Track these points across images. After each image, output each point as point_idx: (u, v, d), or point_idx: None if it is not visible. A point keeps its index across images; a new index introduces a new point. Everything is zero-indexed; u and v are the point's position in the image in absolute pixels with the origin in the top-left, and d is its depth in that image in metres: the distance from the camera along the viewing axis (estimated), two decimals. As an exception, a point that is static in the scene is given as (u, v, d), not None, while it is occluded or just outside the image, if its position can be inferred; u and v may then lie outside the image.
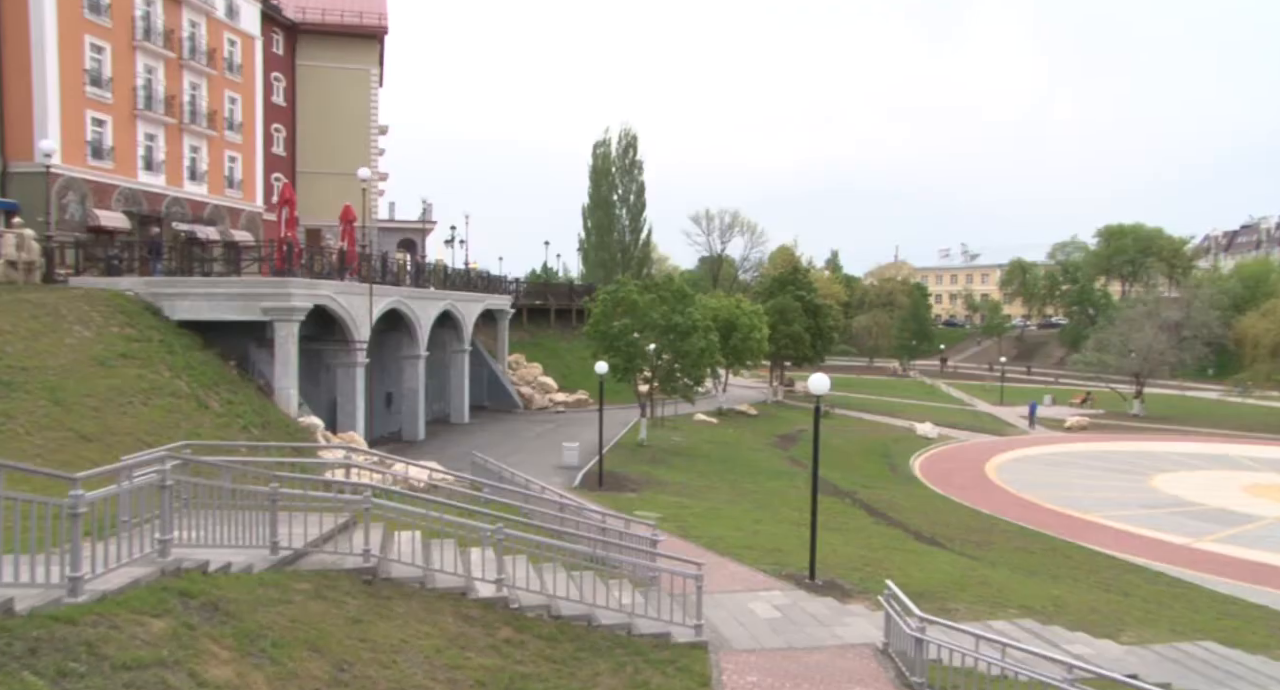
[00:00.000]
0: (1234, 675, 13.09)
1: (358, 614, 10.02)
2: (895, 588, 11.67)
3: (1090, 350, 70.82)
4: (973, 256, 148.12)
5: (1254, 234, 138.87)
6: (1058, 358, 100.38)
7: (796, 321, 64.70)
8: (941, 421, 56.49)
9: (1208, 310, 67.91)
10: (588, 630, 11.47)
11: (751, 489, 30.87)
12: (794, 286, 70.08)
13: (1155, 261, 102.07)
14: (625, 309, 38.90)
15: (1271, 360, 58.98)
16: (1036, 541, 26.98)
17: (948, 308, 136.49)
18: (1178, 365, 66.28)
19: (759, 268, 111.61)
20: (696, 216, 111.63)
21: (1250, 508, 33.49)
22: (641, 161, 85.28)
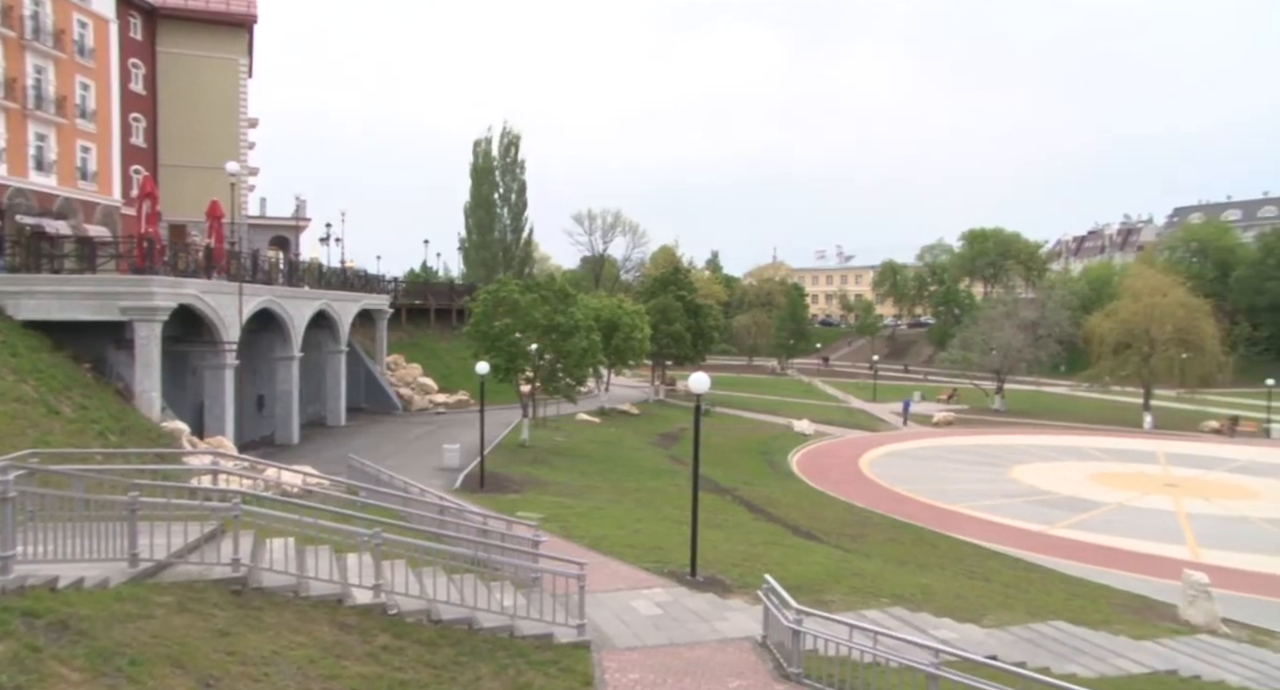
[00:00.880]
0: (1080, 651, 13.96)
1: (226, 626, 9.59)
2: (773, 582, 11.95)
3: (955, 349, 74.35)
4: (847, 258, 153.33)
5: (1099, 239, 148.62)
6: (926, 356, 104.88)
7: (678, 321, 65.51)
8: (818, 419, 58.14)
9: (1060, 310, 72.23)
10: (469, 634, 11.31)
11: (634, 488, 31.05)
12: (675, 286, 70.99)
13: (1014, 264, 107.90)
14: (507, 309, 38.54)
15: (1114, 357, 63.12)
16: (907, 533, 28.06)
17: (824, 307, 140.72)
18: (1034, 362, 70.26)
19: (641, 268, 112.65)
20: (579, 216, 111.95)
21: (1096, 495, 35.76)
22: (523, 160, 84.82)
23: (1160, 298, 62.90)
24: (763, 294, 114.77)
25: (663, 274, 77.61)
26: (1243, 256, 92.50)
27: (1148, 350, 61.39)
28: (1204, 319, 62.53)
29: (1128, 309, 63.66)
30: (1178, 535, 29.32)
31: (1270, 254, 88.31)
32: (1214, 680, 13.59)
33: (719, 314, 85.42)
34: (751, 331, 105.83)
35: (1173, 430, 57.95)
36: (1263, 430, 57.07)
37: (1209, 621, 17.95)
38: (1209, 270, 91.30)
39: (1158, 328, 61.01)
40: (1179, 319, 61.26)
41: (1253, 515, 32.54)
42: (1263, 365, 70.15)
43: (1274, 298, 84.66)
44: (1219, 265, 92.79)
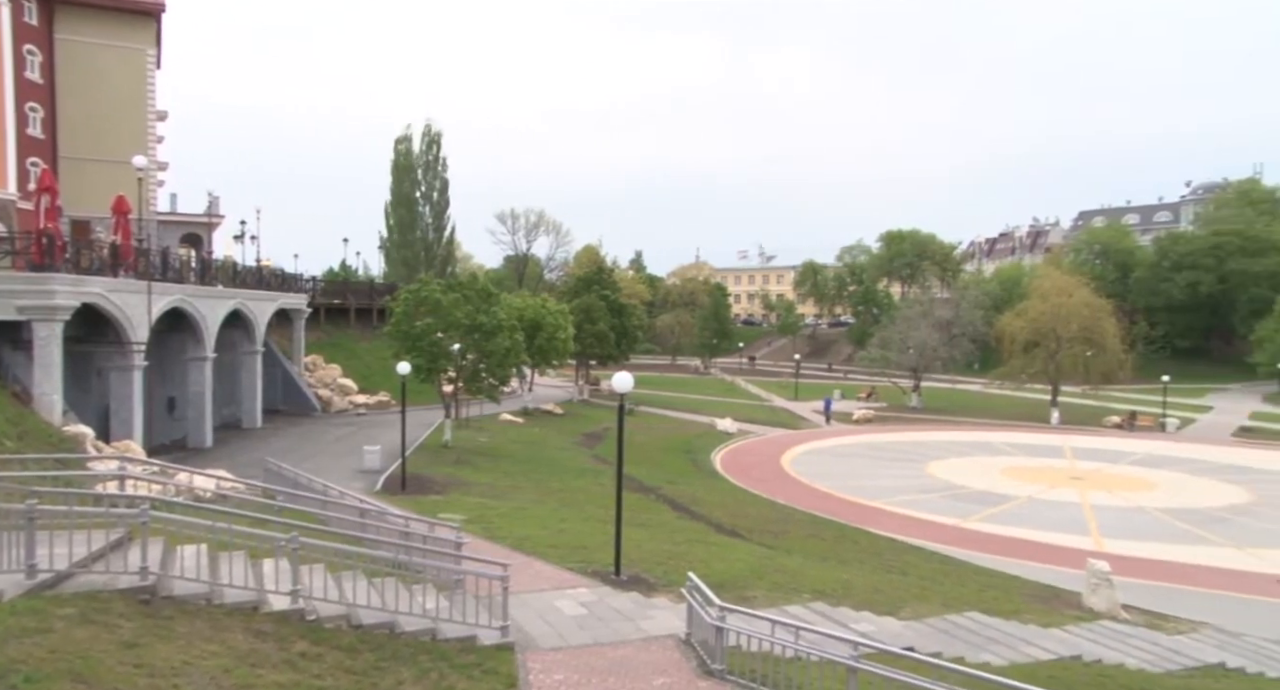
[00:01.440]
0: (992, 640, 14.43)
1: (133, 638, 9.24)
2: (697, 579, 12.05)
3: (874, 348, 76.05)
4: (769, 258, 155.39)
5: (1010, 241, 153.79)
6: (846, 355, 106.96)
7: (601, 321, 65.51)
8: (741, 417, 58.80)
9: (973, 310, 74.47)
10: (390, 638, 11.12)
11: (558, 488, 30.96)
12: (599, 286, 70.98)
13: (930, 265, 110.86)
14: (428, 308, 38.02)
15: (1024, 355, 65.41)
16: (828, 529, 28.58)
17: (746, 307, 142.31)
18: (949, 361, 72.25)
19: (564, 267, 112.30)
20: (502, 215, 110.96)
21: (1007, 489, 36.98)
22: (445, 158, 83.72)
23: (1066, 298, 65.39)
24: (686, 294, 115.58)
25: (586, 273, 77.51)
26: (1141, 259, 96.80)
27: (1055, 348, 63.76)
28: (1106, 318, 65.31)
29: (1036, 309, 66.01)
30: (1083, 526, 30.51)
31: (1165, 257, 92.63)
32: (1114, 663, 14.17)
33: (643, 313, 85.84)
34: (675, 331, 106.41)
35: (1078, 425, 60.29)
36: (1159, 424, 59.74)
37: (1110, 608, 18.72)
38: (1110, 271, 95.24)
39: (1064, 327, 63.42)
40: (1084, 318, 63.83)
41: (1150, 506, 34.05)
42: (1159, 363, 73.40)
43: (1168, 298, 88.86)
44: (1119, 267, 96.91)
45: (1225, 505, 34.49)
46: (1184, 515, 32.32)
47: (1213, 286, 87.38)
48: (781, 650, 10.42)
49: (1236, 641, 17.62)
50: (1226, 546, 27.96)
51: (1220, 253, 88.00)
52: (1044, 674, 12.34)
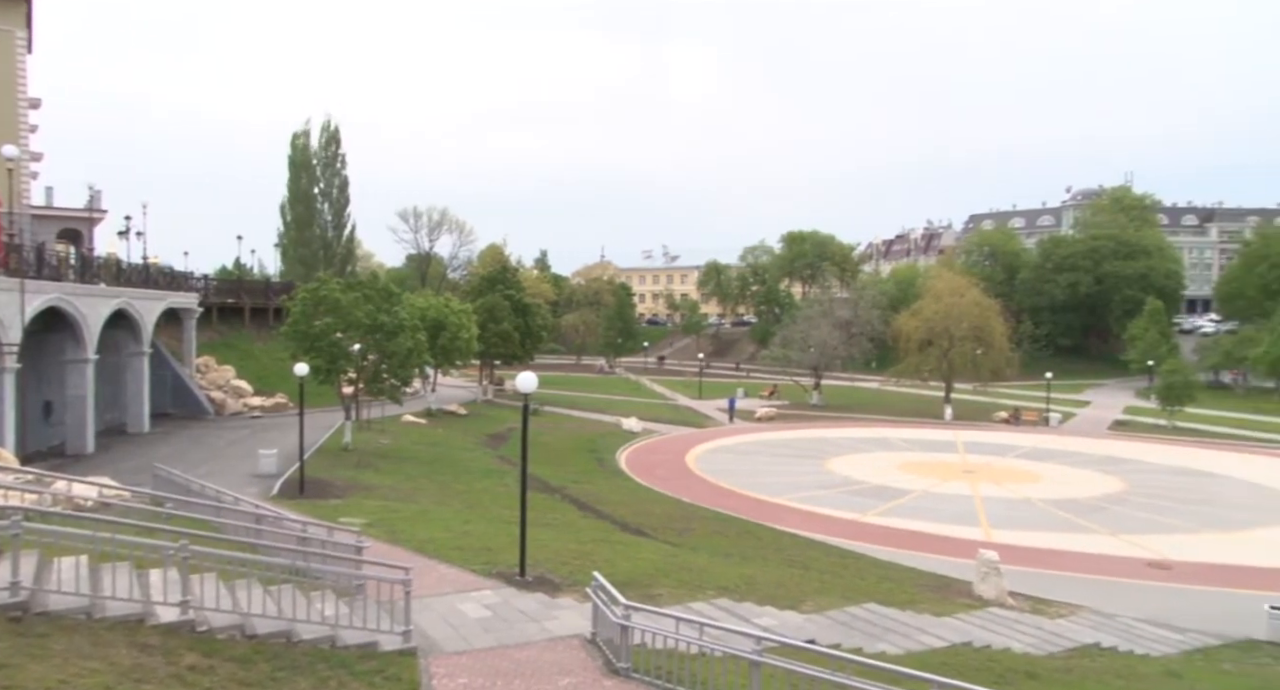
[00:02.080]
0: (889, 630, 14.88)
1: (2, 658, 8.72)
2: (602, 579, 12.06)
3: (776, 346, 77.45)
4: (673, 258, 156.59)
5: (906, 243, 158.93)
6: (749, 353, 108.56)
7: (506, 320, 64.99)
8: (646, 416, 59.13)
9: (871, 310, 76.57)
10: (287, 647, 10.78)
11: (462, 489, 30.59)
12: (503, 285, 70.38)
13: (830, 265, 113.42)
14: (327, 308, 37.01)
15: (919, 354, 67.65)
16: (731, 526, 28.97)
17: (650, 307, 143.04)
18: (848, 359, 74.15)
19: (468, 266, 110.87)
20: (404, 213, 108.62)
21: (903, 483, 38.17)
22: (344, 154, 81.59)
23: (958, 298, 67.88)
24: (591, 293, 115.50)
25: (490, 273, 76.72)
26: (1026, 261, 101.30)
27: (948, 346, 66.09)
28: (995, 317, 68.11)
29: (930, 308, 68.31)
30: (973, 518, 31.73)
31: (1048, 259, 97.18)
32: (1001, 648, 14.79)
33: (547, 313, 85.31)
34: (580, 330, 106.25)
35: (969, 421, 62.66)
36: (1043, 419, 62.60)
37: (998, 595, 19.53)
38: (998, 272, 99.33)
39: (956, 326, 65.79)
40: (974, 317, 66.37)
41: (1035, 497, 35.64)
42: (1043, 360, 76.92)
43: (1051, 299, 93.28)
44: (1006, 268, 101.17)
45: (1102, 495, 36.36)
46: (1065, 505, 33.93)
47: (1090, 287, 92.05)
48: (686, 647, 10.53)
49: (1111, 622, 18.60)
50: (1103, 533, 29.48)
51: (1097, 255, 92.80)
52: (937, 661, 12.78)
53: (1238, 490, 38.00)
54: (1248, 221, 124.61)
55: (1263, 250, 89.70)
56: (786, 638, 11.86)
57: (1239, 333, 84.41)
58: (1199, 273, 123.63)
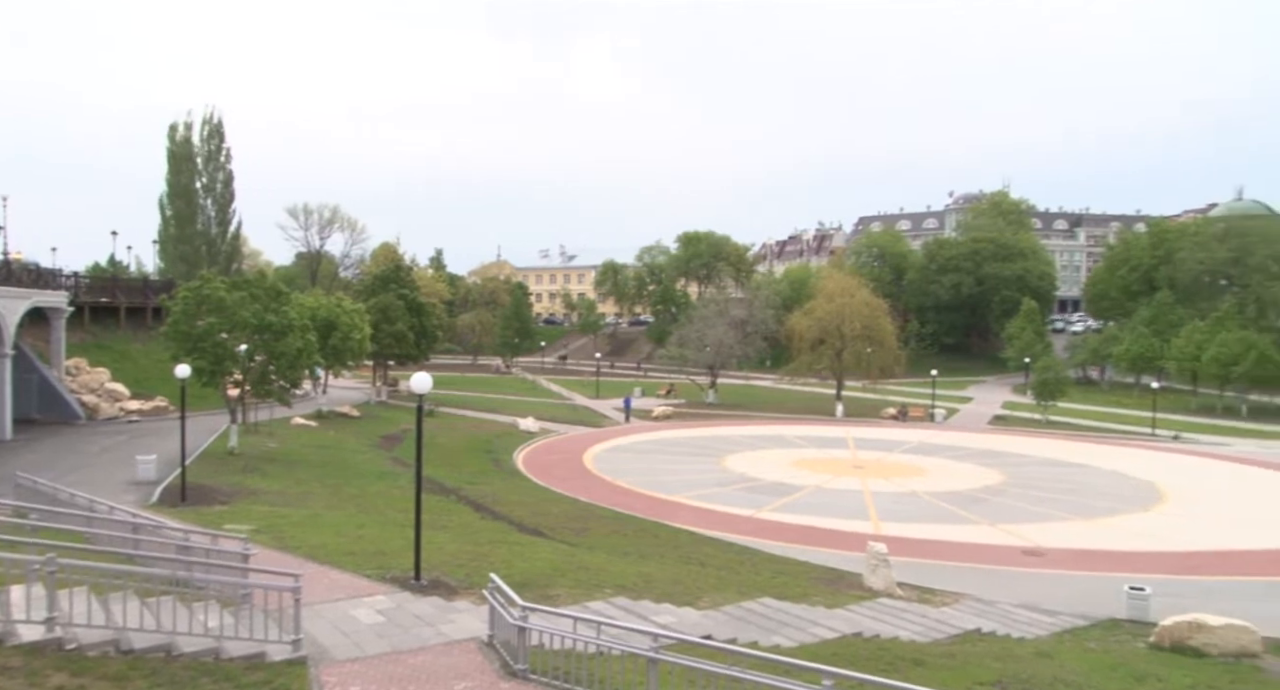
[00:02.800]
0: (783, 623, 15.21)
1: None
2: (499, 580, 11.95)
3: (673, 345, 78.19)
4: (570, 257, 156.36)
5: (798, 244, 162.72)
6: (646, 353, 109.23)
7: (400, 320, 63.79)
8: (543, 416, 58.85)
9: (765, 309, 78.11)
10: (166, 661, 10.33)
11: (354, 493, 29.85)
12: (397, 284, 69.08)
13: (725, 265, 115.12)
14: (211, 307, 35.54)
15: (811, 352, 69.38)
16: (629, 524, 29.08)
17: (547, 306, 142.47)
18: (743, 358, 75.46)
19: (361, 265, 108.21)
20: (293, 210, 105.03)
21: (797, 479, 39.04)
22: (229, 148, 78.34)
23: (849, 298, 69.88)
24: (487, 293, 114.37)
25: (384, 272, 75.10)
26: (912, 262, 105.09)
27: (840, 345, 67.96)
28: (884, 317, 70.44)
29: (823, 308, 70.12)
30: (863, 512, 32.68)
31: (932, 260, 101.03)
32: (890, 637, 15.30)
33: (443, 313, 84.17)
34: (476, 330, 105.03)
35: (859, 417, 64.58)
36: (929, 415, 65.03)
37: (887, 586, 20.18)
38: (886, 273, 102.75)
39: (847, 325, 67.70)
40: (864, 317, 68.46)
41: (921, 490, 36.97)
42: (928, 358, 80.00)
43: (936, 299, 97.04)
44: (894, 269, 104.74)
45: (982, 487, 37.99)
46: (949, 498, 35.31)
47: (972, 288, 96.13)
48: (584, 646, 10.53)
49: (990, 608, 19.47)
50: (983, 524, 30.80)
51: (978, 257, 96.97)
52: (828, 652, 13.13)
53: (1102, 479, 40.27)
54: (1111, 227, 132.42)
55: (1124, 254, 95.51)
56: (683, 634, 11.99)
57: (1104, 331, 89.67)
58: (1069, 274, 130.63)
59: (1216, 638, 16.12)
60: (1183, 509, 34.27)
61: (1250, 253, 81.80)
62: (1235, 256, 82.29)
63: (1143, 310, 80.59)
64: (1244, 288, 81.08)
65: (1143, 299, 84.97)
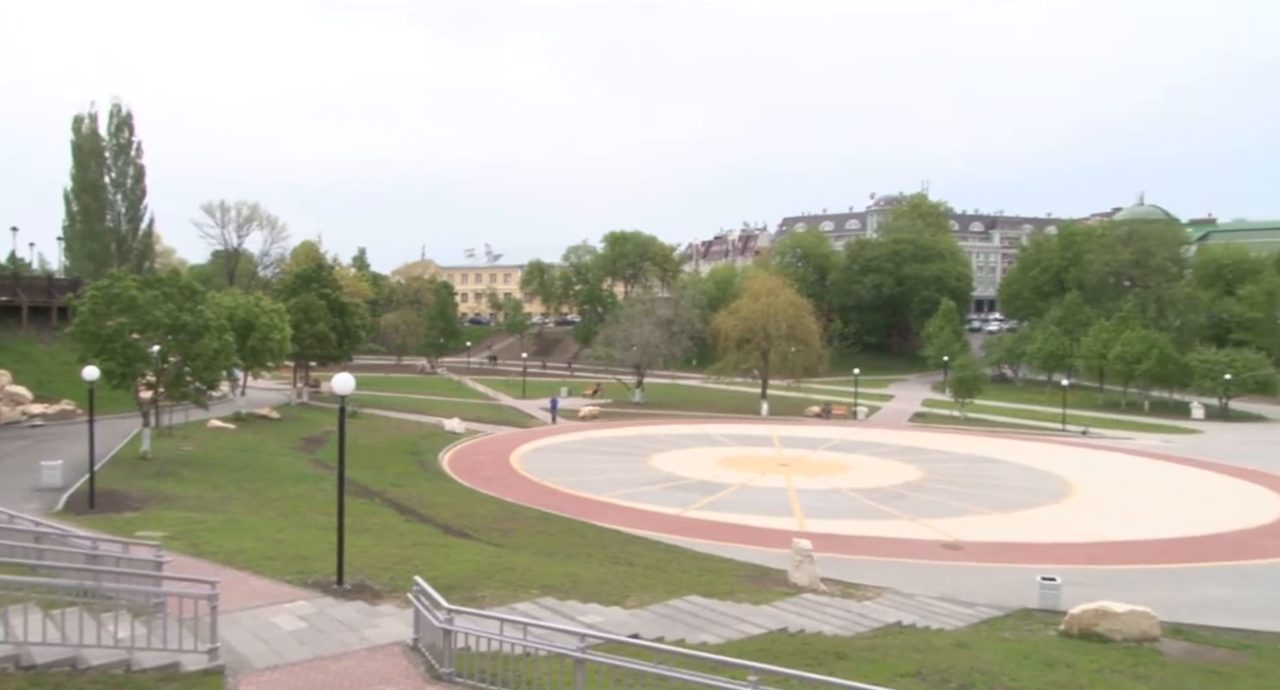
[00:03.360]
0: (710, 621, 15.35)
1: None
2: (424, 583, 11.81)
3: (599, 345, 78.16)
4: (496, 257, 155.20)
5: (724, 244, 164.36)
6: (573, 352, 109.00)
7: (321, 320, 62.56)
8: (469, 417, 58.25)
9: (691, 309, 78.61)
10: (71, 676, 9.94)
11: (275, 496, 29.14)
12: (319, 284, 67.78)
13: (651, 265, 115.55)
14: (122, 307, 34.29)
15: (737, 351, 70.12)
16: (556, 524, 28.99)
17: (473, 306, 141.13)
18: (669, 357, 75.82)
19: (281, 264, 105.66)
20: (209, 207, 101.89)
21: (723, 478, 39.40)
22: (140, 142, 75.60)
23: (774, 298, 70.78)
24: (412, 292, 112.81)
25: (305, 271, 73.48)
26: (835, 262, 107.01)
27: (765, 344, 68.81)
28: (808, 316, 71.57)
29: (748, 308, 70.89)
30: (788, 509, 33.17)
31: (855, 261, 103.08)
32: (814, 632, 15.56)
33: (366, 312, 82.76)
34: (400, 330, 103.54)
35: (784, 416, 65.48)
36: (851, 413, 66.30)
37: (811, 582, 20.52)
38: (810, 273, 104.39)
39: (773, 325, 68.58)
40: (789, 316, 69.44)
41: (844, 487, 37.68)
42: (851, 357, 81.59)
43: (858, 299, 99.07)
44: (818, 269, 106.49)
45: (903, 483, 38.90)
46: (871, 494, 36.07)
47: (893, 288, 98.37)
48: (511, 648, 10.47)
49: (911, 602, 19.96)
50: (904, 519, 31.56)
51: (898, 258, 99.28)
52: (754, 648, 13.30)
53: (1017, 474, 41.62)
54: (1024, 229, 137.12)
55: (1035, 256, 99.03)
56: (610, 634, 12.02)
57: (1018, 330, 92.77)
58: (985, 275, 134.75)
59: (1120, 624, 16.81)
60: (1090, 501, 35.62)
61: (1151, 255, 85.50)
62: (1137, 259, 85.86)
63: (1054, 310, 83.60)
64: (1145, 289, 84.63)
65: (1054, 299, 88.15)
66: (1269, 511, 33.59)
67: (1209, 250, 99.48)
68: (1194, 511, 33.41)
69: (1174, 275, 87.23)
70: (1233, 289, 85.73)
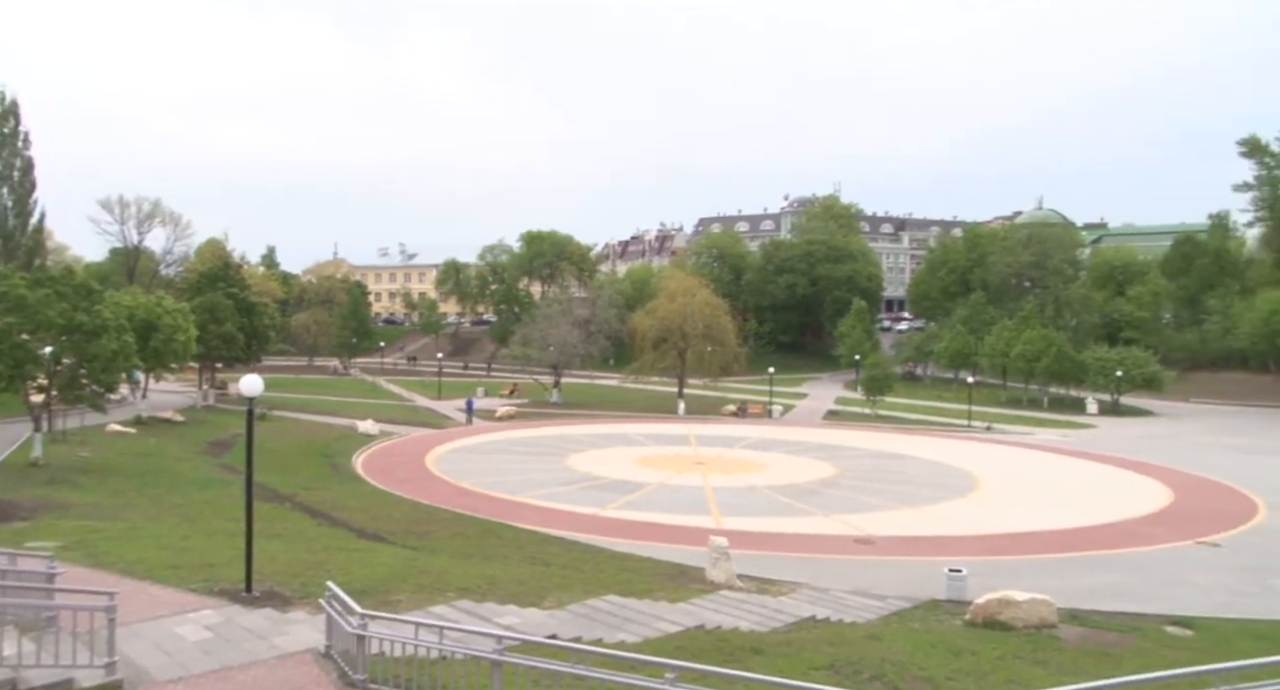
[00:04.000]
0: (628, 619, 15.41)
1: None
2: (336, 588, 11.57)
3: (516, 345, 77.72)
4: (410, 256, 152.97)
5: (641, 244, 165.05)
6: (490, 352, 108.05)
7: (228, 320, 60.78)
8: (383, 418, 57.23)
9: (608, 309, 78.80)
10: (-45, 696, 9.44)
11: (178, 502, 28.13)
12: (225, 283, 65.87)
13: (568, 265, 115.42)
14: (9, 306, 32.64)
15: (654, 351, 70.53)
16: (472, 526, 28.64)
17: (387, 306, 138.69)
18: (587, 357, 75.88)
19: (185, 263, 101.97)
20: (108, 203, 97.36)
21: (640, 477, 39.52)
22: (27, 132, 71.96)
23: (691, 297, 71.41)
24: (323, 292, 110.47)
25: (210, 269, 71.21)
26: (750, 263, 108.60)
27: (682, 344, 69.34)
28: (724, 316, 72.43)
29: (665, 307, 71.35)
30: (705, 507, 33.45)
31: (769, 261, 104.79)
32: (731, 628, 15.75)
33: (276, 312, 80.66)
34: (312, 330, 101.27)
35: (701, 415, 66.11)
36: (767, 412, 67.34)
37: (728, 579, 20.76)
38: (726, 274, 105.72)
39: (690, 324, 69.16)
40: (706, 316, 70.14)
41: (759, 484, 38.21)
42: (766, 356, 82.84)
43: (773, 298, 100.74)
44: (733, 269, 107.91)
45: (817, 479, 39.65)
46: (786, 491, 36.65)
47: (806, 288, 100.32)
48: (427, 652, 10.33)
49: (825, 596, 20.35)
50: (818, 515, 32.16)
51: (811, 259, 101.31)
52: (672, 645, 13.40)
53: (925, 469, 42.85)
54: (931, 231, 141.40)
55: (943, 257, 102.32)
56: (528, 635, 11.96)
57: (926, 330, 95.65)
58: (895, 276, 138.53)
59: (1021, 612, 17.47)
60: (994, 495, 36.91)
61: (1049, 257, 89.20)
62: (1036, 260, 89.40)
63: (960, 310, 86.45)
64: (1044, 289, 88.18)
65: (960, 299, 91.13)
66: (1155, 501, 35.33)
67: (1101, 253, 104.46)
68: (1089, 502, 34.86)
69: (1070, 277, 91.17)
70: (1123, 290, 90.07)
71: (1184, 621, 19.27)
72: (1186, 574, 24.52)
